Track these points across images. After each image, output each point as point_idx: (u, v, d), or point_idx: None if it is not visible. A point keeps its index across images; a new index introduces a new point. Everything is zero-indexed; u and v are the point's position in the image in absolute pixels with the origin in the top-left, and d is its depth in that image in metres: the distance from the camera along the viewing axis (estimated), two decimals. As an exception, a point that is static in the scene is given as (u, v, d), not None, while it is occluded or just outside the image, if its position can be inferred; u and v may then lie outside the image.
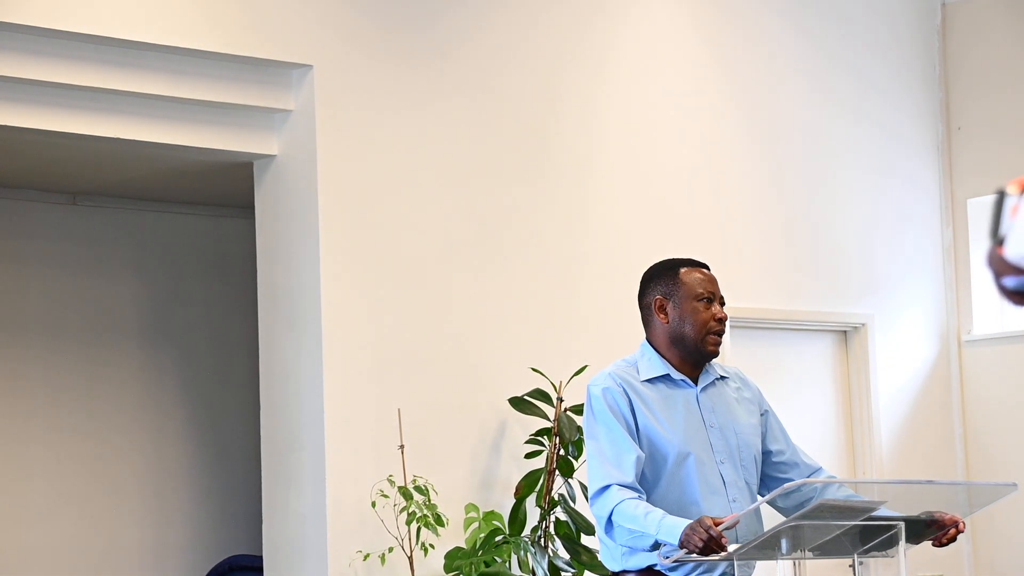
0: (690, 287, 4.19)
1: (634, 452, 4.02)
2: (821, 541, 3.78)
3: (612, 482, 3.99)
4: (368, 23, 6.44)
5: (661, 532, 3.88)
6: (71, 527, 7.91)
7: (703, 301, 4.18)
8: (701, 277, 4.22)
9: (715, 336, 4.16)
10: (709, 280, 4.22)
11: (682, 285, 4.20)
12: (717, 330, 4.17)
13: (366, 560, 6.10)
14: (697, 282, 4.20)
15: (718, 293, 4.22)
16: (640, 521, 3.93)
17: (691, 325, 4.16)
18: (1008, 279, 1.93)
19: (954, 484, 6.22)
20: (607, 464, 4.03)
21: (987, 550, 8.19)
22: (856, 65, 8.16)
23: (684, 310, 4.18)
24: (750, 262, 7.56)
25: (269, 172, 6.45)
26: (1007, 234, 1.93)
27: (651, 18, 7.37)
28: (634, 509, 3.95)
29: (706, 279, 4.22)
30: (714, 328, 4.16)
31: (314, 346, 6.20)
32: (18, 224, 7.88)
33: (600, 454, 4.06)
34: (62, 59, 5.80)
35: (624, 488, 3.99)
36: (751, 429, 4.22)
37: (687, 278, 4.21)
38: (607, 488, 4.00)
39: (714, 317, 4.16)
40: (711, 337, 4.16)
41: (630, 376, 4.15)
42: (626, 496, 3.97)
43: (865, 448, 7.95)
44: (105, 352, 8.08)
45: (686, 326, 4.17)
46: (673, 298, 4.20)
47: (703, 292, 4.18)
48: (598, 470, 4.05)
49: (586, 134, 7.07)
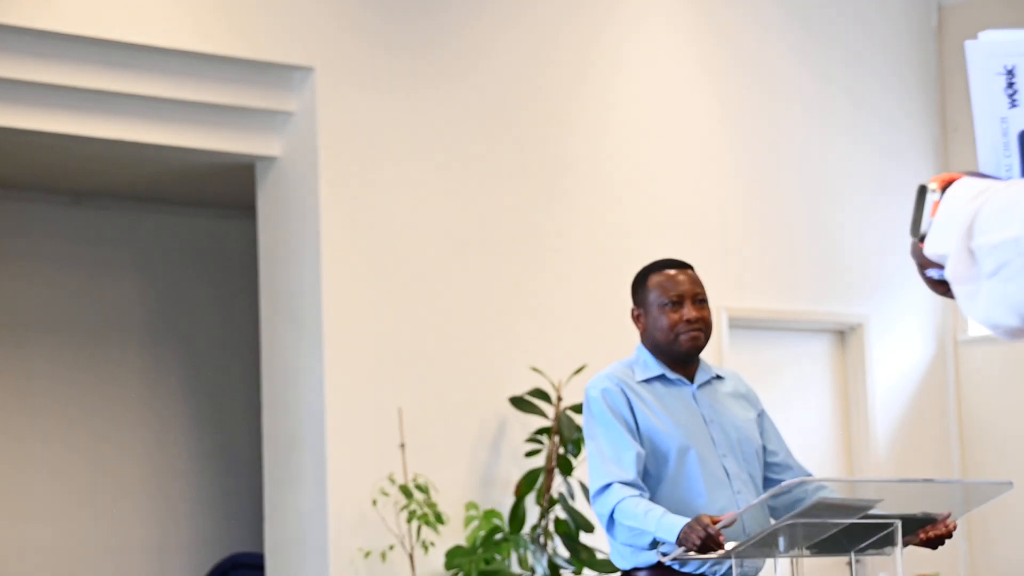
0: (656, 294, 4.19)
1: (634, 449, 4.03)
2: (818, 539, 3.81)
3: (613, 480, 4.00)
4: (369, 26, 6.47)
5: (660, 530, 3.88)
6: (74, 525, 7.93)
7: (669, 305, 4.16)
8: (667, 281, 4.19)
9: (688, 335, 4.14)
10: (679, 282, 4.19)
11: (649, 292, 4.20)
12: (688, 330, 4.14)
13: (367, 558, 6.12)
14: (662, 287, 4.18)
15: (690, 293, 4.18)
16: (640, 519, 3.93)
17: (660, 331, 4.16)
18: (932, 271, 1.99)
19: (950, 482, 6.25)
20: (607, 463, 4.04)
21: (983, 549, 8.22)
22: (853, 67, 8.18)
23: (652, 316, 4.18)
24: (748, 262, 7.58)
25: (271, 174, 6.48)
26: (926, 231, 1.98)
27: (654, 18, 7.40)
28: (635, 507, 3.95)
29: (676, 281, 4.19)
30: (683, 329, 4.14)
31: (315, 345, 6.22)
32: (22, 225, 7.89)
33: (600, 453, 4.07)
34: (65, 62, 5.82)
35: (625, 485, 3.99)
36: (749, 425, 4.24)
37: (654, 285, 4.20)
38: (608, 486, 4.00)
39: (683, 319, 4.14)
40: (683, 337, 4.14)
41: (627, 377, 4.17)
42: (627, 494, 3.97)
43: (862, 447, 7.98)
44: (108, 352, 8.10)
45: (657, 332, 4.17)
46: (644, 306, 4.21)
47: (669, 296, 4.16)
48: (599, 469, 4.06)
49: (587, 136, 7.09)
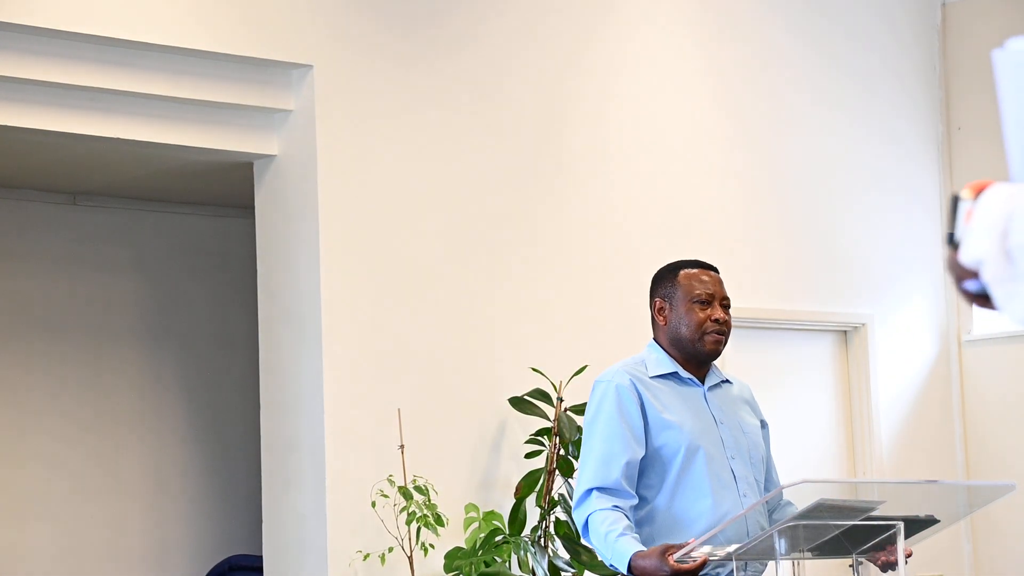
0: (687, 289, 4.18)
1: (625, 456, 4.01)
2: (820, 541, 3.78)
3: (594, 486, 3.99)
4: (368, 23, 6.44)
5: (614, 557, 3.88)
6: (72, 526, 7.91)
7: (699, 303, 4.15)
8: (700, 278, 4.20)
9: (713, 336, 4.14)
10: (709, 282, 4.20)
11: (679, 287, 4.19)
12: (714, 330, 4.14)
13: (366, 560, 6.10)
14: (695, 283, 4.18)
15: (719, 294, 4.19)
16: (601, 540, 3.92)
17: (687, 326, 4.15)
18: (969, 283, 1.94)
19: (953, 484, 6.22)
20: (595, 462, 4.03)
21: (987, 550, 8.18)
22: (856, 65, 8.15)
23: (680, 312, 4.17)
24: (751, 262, 7.55)
25: (269, 172, 6.45)
26: (961, 239, 1.94)
27: (655, 16, 7.37)
28: (600, 524, 3.94)
29: (706, 280, 4.20)
30: (710, 328, 4.14)
31: (314, 345, 6.20)
32: (19, 224, 7.88)
33: (591, 451, 4.07)
34: (62, 59, 5.80)
35: (603, 495, 3.98)
36: (756, 430, 4.24)
37: (685, 280, 4.20)
38: (588, 494, 4.00)
39: (710, 318, 4.14)
40: (708, 337, 4.14)
41: (640, 372, 4.16)
42: (600, 506, 3.96)
43: (865, 448, 7.95)
44: (105, 352, 8.08)
45: (682, 328, 4.16)
46: (671, 300, 4.20)
47: (700, 294, 4.16)
48: (585, 470, 4.06)
49: (587, 134, 7.06)
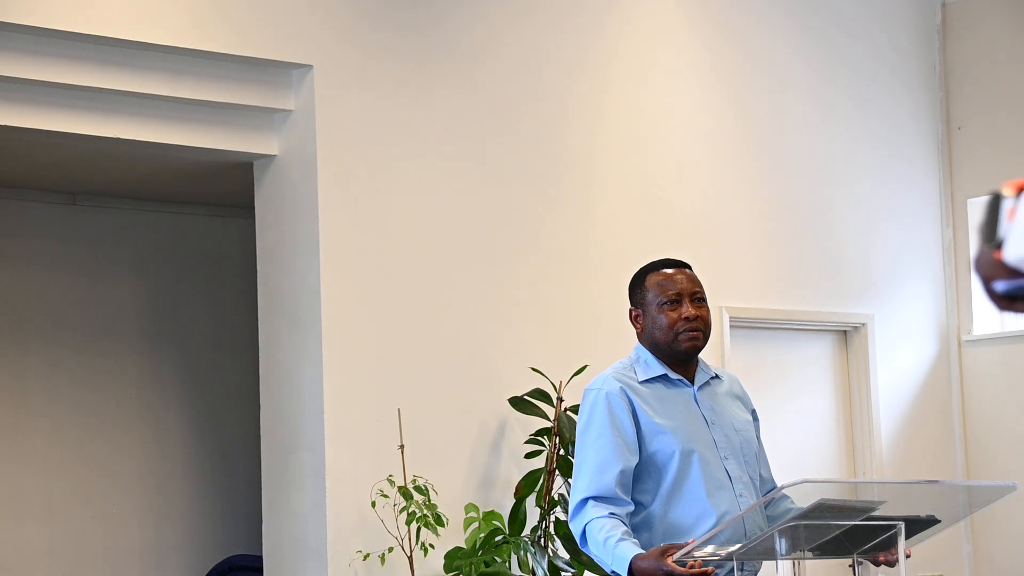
0: (655, 293, 4.15)
1: (619, 464, 4.00)
2: (820, 541, 3.78)
3: (589, 495, 3.99)
4: (368, 23, 6.44)
5: (614, 563, 3.87)
6: (71, 526, 7.91)
7: (668, 304, 4.13)
8: (667, 279, 4.16)
9: (687, 334, 4.10)
10: (677, 281, 4.16)
11: (648, 292, 4.17)
12: (687, 328, 4.10)
13: (366, 560, 6.09)
14: (660, 286, 4.15)
15: (688, 291, 4.14)
16: (600, 547, 3.92)
17: (660, 330, 4.13)
18: (999, 283, 1.88)
19: (953, 484, 6.21)
20: (590, 471, 4.02)
21: (987, 550, 8.18)
22: (856, 65, 8.15)
23: (652, 316, 4.15)
24: (750, 262, 7.55)
25: (269, 172, 6.45)
26: (1005, 237, 1.88)
27: (655, 17, 7.37)
28: (598, 532, 3.93)
29: (673, 280, 4.16)
30: (682, 328, 4.10)
31: (314, 346, 6.19)
32: (18, 224, 7.88)
33: (585, 461, 4.05)
34: (62, 59, 5.79)
35: (599, 503, 3.98)
36: (748, 426, 4.23)
37: (652, 284, 4.17)
38: (584, 504, 3.99)
39: (681, 317, 4.11)
40: (682, 336, 4.10)
41: (629, 378, 4.14)
42: (597, 514, 3.96)
43: (865, 448, 7.94)
44: (105, 352, 8.08)
45: (656, 332, 4.14)
46: (642, 306, 4.18)
47: (667, 295, 4.13)
48: (579, 479, 4.05)
49: (587, 135, 7.06)
